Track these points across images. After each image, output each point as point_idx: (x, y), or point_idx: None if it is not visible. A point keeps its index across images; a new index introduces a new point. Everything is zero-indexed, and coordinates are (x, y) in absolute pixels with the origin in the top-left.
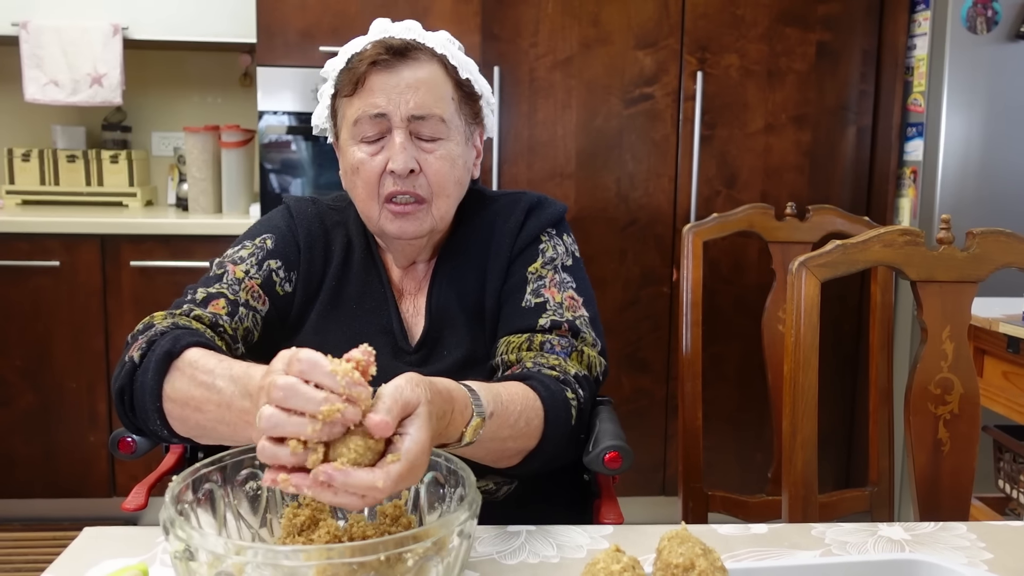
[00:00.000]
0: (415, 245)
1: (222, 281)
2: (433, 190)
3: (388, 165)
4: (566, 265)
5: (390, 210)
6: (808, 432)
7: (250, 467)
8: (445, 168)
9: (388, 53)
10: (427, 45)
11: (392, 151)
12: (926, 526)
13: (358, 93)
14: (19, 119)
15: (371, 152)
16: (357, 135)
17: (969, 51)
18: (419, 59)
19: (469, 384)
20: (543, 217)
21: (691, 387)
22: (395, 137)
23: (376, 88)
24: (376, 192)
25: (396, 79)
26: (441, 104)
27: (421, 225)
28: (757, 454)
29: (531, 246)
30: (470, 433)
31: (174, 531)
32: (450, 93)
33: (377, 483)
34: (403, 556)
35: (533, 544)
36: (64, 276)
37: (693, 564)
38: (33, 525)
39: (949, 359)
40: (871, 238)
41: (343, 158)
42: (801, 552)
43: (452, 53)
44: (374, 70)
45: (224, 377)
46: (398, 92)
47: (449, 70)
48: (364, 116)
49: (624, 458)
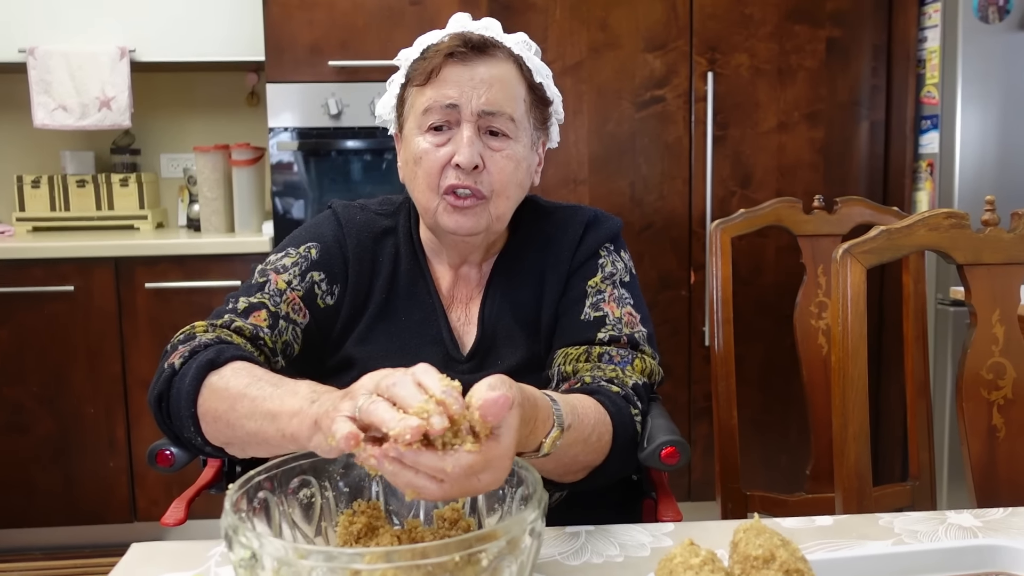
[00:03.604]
0: (468, 243)
1: (264, 290)
2: (494, 188)
3: (453, 158)
4: (624, 281)
5: (449, 202)
6: (860, 424)
7: (301, 475)
8: (509, 168)
9: (466, 46)
10: (504, 44)
11: (459, 144)
12: (995, 512)
13: (431, 83)
14: (28, 146)
15: (436, 143)
16: (424, 124)
17: (982, 41)
18: (495, 56)
19: (549, 393)
20: (601, 232)
21: (724, 386)
22: (463, 130)
23: (450, 79)
24: (437, 183)
25: (471, 73)
26: (512, 103)
27: (478, 222)
28: (782, 456)
29: (590, 260)
30: (548, 444)
31: (237, 538)
32: (522, 94)
33: (446, 467)
34: (477, 557)
35: (594, 544)
36: (79, 301)
37: (774, 555)
38: (55, 554)
39: (1000, 343)
40: (916, 222)
41: (405, 148)
42: (872, 542)
43: (528, 56)
44: (450, 61)
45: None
46: (471, 86)
47: (524, 71)
48: (435, 105)
49: (681, 453)
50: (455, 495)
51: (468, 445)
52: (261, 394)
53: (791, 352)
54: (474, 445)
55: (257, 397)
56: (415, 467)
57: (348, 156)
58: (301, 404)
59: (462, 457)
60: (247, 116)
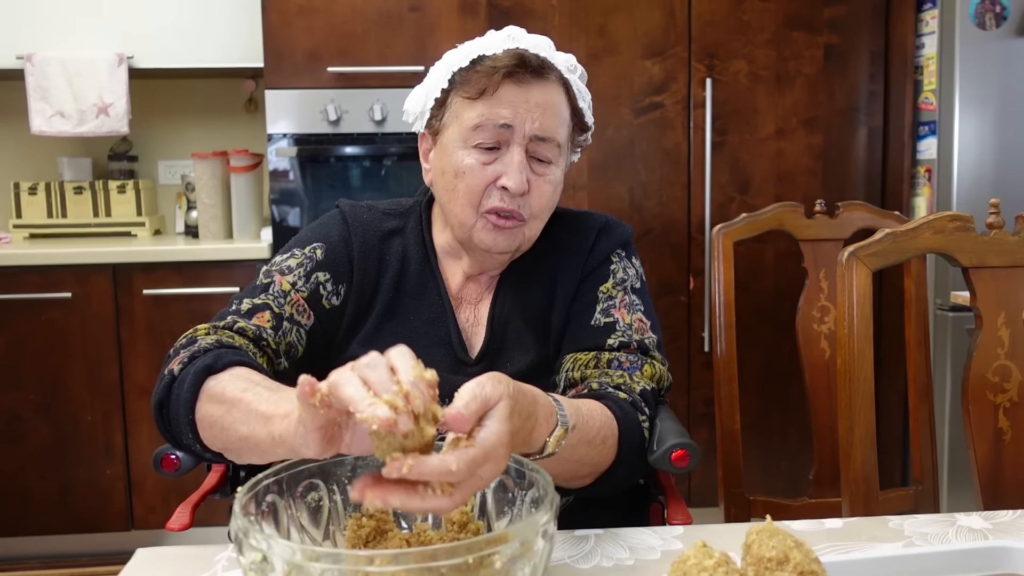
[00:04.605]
0: (497, 259)
1: (268, 292)
2: (533, 211)
3: (500, 179)
4: (635, 288)
5: (491, 221)
6: (866, 426)
7: (309, 479)
8: (549, 191)
9: (523, 67)
10: (557, 67)
11: (509, 168)
12: (1004, 514)
13: (484, 99)
14: (25, 153)
15: (483, 161)
16: (473, 140)
17: (979, 47)
18: (550, 79)
19: (553, 395)
20: (613, 238)
21: (727, 390)
22: (514, 154)
23: (505, 99)
24: (478, 201)
25: (526, 95)
26: (560, 129)
27: (513, 242)
28: (782, 462)
29: (602, 266)
30: (553, 444)
31: (248, 541)
32: (567, 119)
33: (451, 466)
34: (491, 559)
35: (604, 548)
36: (76, 307)
37: (787, 557)
38: (50, 562)
39: (1005, 346)
40: (921, 225)
41: (442, 156)
42: (883, 545)
43: (573, 80)
44: (508, 81)
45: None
46: (527, 109)
47: (570, 96)
48: (488, 124)
49: (692, 455)
50: (464, 499)
51: (464, 442)
52: (256, 398)
53: (789, 358)
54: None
55: (252, 401)
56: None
57: (347, 162)
58: (294, 407)
59: (465, 452)
60: (245, 123)
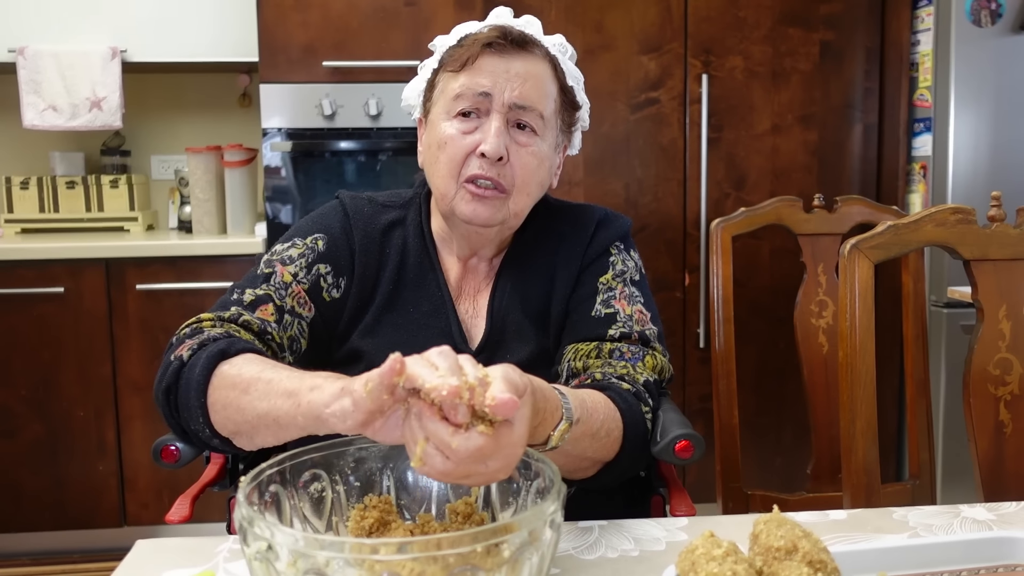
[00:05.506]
0: (481, 235)
1: (270, 282)
2: (516, 183)
3: (479, 147)
4: (634, 279)
5: (468, 190)
6: (868, 419)
7: (311, 469)
8: (532, 164)
9: (504, 39)
10: (542, 43)
11: (486, 134)
12: (1008, 506)
13: (466, 70)
14: (16, 147)
15: (463, 130)
16: (454, 109)
17: (974, 44)
18: (532, 53)
19: (558, 387)
20: (612, 230)
21: (725, 385)
22: (492, 120)
23: (485, 68)
24: (458, 171)
25: (506, 65)
26: (544, 101)
27: (495, 213)
28: (777, 458)
29: (601, 257)
30: (556, 437)
31: (253, 530)
32: (554, 94)
33: (452, 443)
34: (498, 548)
35: (608, 539)
36: (69, 302)
37: (796, 546)
38: (42, 559)
39: (1007, 339)
40: (923, 217)
41: (429, 132)
42: (888, 536)
43: (563, 58)
44: (487, 51)
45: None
46: (506, 78)
47: (558, 72)
48: (467, 92)
49: (696, 446)
50: (459, 476)
51: (481, 427)
52: (277, 376)
53: (785, 354)
54: (487, 428)
55: (273, 379)
56: (425, 433)
57: (342, 157)
58: (322, 381)
59: (472, 438)
60: (239, 117)
